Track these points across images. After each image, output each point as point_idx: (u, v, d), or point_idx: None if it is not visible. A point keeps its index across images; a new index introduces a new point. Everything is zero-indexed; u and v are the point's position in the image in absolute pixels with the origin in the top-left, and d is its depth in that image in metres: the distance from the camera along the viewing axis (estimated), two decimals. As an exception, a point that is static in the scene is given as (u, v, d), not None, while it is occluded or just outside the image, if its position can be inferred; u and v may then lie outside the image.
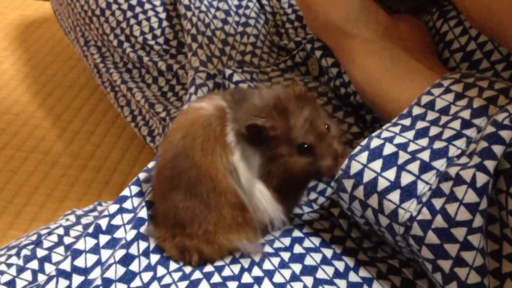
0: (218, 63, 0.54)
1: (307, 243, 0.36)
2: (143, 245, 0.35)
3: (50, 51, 1.01)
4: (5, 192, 0.72)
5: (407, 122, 0.34)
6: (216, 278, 0.33)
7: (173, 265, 0.35)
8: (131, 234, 0.35)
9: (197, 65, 0.53)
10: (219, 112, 0.34)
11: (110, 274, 0.33)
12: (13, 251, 0.38)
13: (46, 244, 0.38)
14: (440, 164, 0.30)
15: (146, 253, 0.35)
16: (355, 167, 0.32)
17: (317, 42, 0.50)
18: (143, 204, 0.37)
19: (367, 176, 0.32)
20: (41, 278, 0.36)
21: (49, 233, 0.39)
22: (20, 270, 0.36)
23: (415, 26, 0.43)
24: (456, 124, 0.32)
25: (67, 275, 0.32)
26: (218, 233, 0.34)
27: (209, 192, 0.33)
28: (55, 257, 0.37)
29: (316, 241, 0.36)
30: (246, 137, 0.33)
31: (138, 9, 0.62)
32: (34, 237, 0.39)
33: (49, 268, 0.37)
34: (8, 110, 0.87)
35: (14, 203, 0.71)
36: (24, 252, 0.37)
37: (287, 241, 0.36)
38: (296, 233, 0.37)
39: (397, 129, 0.34)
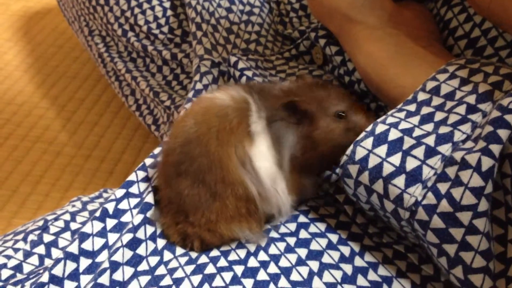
0: (222, 51, 0.54)
1: (312, 228, 0.36)
2: (150, 229, 0.35)
3: (54, 42, 1.01)
4: (10, 182, 0.73)
5: (412, 107, 0.34)
6: (222, 262, 0.34)
7: (179, 250, 0.35)
8: (138, 218, 0.35)
9: (202, 53, 0.53)
10: (237, 103, 0.34)
11: (117, 257, 0.33)
12: (20, 236, 0.38)
13: (53, 229, 0.38)
14: (445, 149, 0.30)
15: (153, 238, 0.35)
16: (360, 153, 0.32)
17: (321, 31, 0.50)
18: (150, 189, 0.37)
19: (372, 161, 0.32)
20: (48, 262, 0.36)
21: (56, 219, 0.39)
22: (27, 254, 0.36)
23: (419, 13, 0.43)
24: (461, 109, 0.32)
25: (74, 258, 0.33)
26: (220, 222, 0.34)
27: (217, 182, 0.33)
28: (61, 242, 0.37)
29: (322, 226, 0.36)
30: (281, 117, 0.34)
31: (142, -2, 0.62)
32: (40, 223, 0.39)
33: (56, 253, 0.37)
34: (12, 101, 0.87)
35: (19, 192, 0.71)
36: (31, 237, 0.38)
37: (292, 226, 0.36)
38: (302, 219, 0.37)
39: (402, 114, 0.34)
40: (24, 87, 0.90)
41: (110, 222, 0.35)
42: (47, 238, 0.37)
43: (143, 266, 0.34)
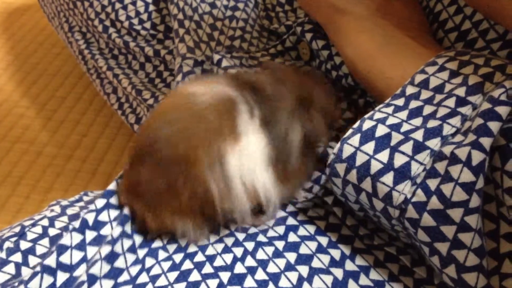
0: (206, 49, 0.53)
1: (301, 231, 0.35)
2: (127, 243, 0.34)
3: (34, 39, 0.98)
4: (-11, 184, 0.71)
5: (400, 102, 0.33)
6: (207, 268, 0.32)
7: (162, 254, 0.34)
8: (117, 231, 0.34)
9: (184, 52, 0.52)
10: (220, 102, 0.32)
11: (95, 270, 0.31)
12: (-5, 243, 0.36)
13: (30, 236, 0.37)
14: (434, 143, 0.29)
15: (132, 250, 0.34)
16: (347, 151, 0.31)
17: (308, 25, 0.49)
18: None
19: (360, 159, 0.31)
20: (25, 271, 0.34)
21: (33, 225, 0.38)
22: (3, 263, 0.35)
23: (409, 3, 0.42)
24: (451, 102, 0.31)
25: (52, 272, 0.31)
26: (165, 211, 0.33)
27: (178, 176, 0.32)
28: (39, 249, 0.36)
29: (311, 229, 0.35)
30: (288, 116, 0.35)
31: (123, -7, 0.60)
32: (17, 229, 0.38)
33: (33, 261, 0.35)
34: (-9, 100, 0.85)
35: (-2, 194, 0.69)
36: (7, 244, 0.36)
37: (281, 229, 0.35)
38: (291, 221, 0.36)
39: (390, 109, 0.33)
40: (3, 85, 0.87)
41: (90, 235, 0.33)
42: (24, 245, 0.36)
43: (123, 277, 0.32)
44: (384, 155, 0.30)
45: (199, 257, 0.33)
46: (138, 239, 0.35)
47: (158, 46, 0.59)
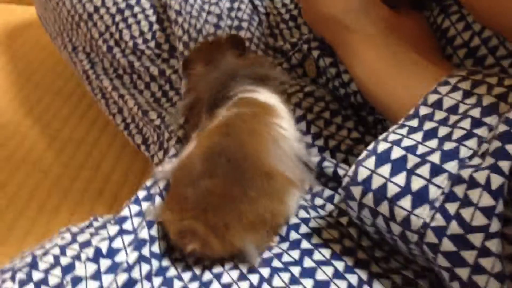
0: None
1: (317, 256, 0.34)
2: (145, 268, 0.33)
3: (36, 57, 0.98)
4: (-5, 207, 0.70)
5: (414, 123, 0.32)
6: None
7: (177, 284, 0.33)
8: (133, 256, 0.33)
9: None
10: (248, 102, 0.37)
11: None
12: (8, 275, 0.36)
13: (42, 265, 0.36)
14: (452, 166, 0.29)
15: (148, 277, 0.33)
16: (362, 173, 0.31)
17: (314, 42, 0.49)
18: (144, 224, 0.35)
19: (376, 182, 0.30)
20: (38, 302, 0.34)
21: (44, 254, 0.37)
22: None
23: (418, 21, 0.42)
24: (466, 124, 0.30)
25: None
26: (235, 229, 0.32)
27: (254, 176, 0.32)
28: (51, 280, 0.35)
29: (327, 253, 0.35)
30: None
31: (127, 13, 0.60)
32: (28, 259, 0.37)
33: (46, 292, 0.35)
34: (-6, 121, 0.84)
35: (5, 217, 0.68)
36: (19, 275, 0.35)
37: (296, 254, 0.35)
38: (305, 245, 0.35)
39: (404, 131, 0.32)
40: (6, 105, 0.87)
41: (104, 263, 0.33)
42: (36, 275, 0.35)
43: None
44: (401, 178, 0.30)
45: (215, 286, 0.33)
46: (155, 264, 0.34)
47: (163, 66, 0.59)
